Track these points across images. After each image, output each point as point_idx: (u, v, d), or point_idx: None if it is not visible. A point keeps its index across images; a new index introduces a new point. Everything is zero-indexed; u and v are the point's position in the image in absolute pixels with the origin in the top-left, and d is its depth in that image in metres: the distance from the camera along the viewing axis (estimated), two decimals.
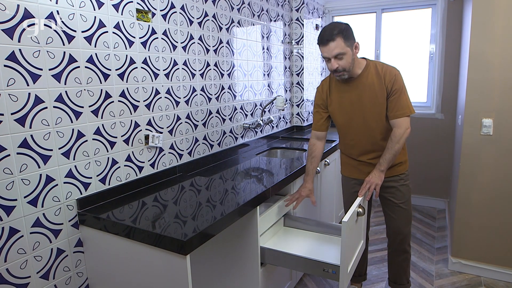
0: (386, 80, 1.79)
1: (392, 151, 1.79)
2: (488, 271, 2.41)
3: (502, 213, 2.30)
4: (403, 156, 1.96)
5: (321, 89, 2.00)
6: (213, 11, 2.22)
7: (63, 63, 1.39)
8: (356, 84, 1.85)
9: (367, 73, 1.83)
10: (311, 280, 2.43)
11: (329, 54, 1.73)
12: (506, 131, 2.22)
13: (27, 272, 1.33)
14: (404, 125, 1.78)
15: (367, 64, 1.86)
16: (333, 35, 1.69)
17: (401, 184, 1.95)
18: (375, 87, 1.81)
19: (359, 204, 1.71)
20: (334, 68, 1.75)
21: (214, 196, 1.67)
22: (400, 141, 1.78)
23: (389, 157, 1.80)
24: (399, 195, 1.95)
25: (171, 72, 1.93)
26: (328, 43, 1.71)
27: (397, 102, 1.78)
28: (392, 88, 1.78)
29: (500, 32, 2.16)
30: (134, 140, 1.74)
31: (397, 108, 1.78)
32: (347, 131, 1.95)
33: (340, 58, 1.73)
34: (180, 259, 1.24)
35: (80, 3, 1.44)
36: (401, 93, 1.78)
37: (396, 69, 1.83)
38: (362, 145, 1.92)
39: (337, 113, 1.95)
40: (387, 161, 1.80)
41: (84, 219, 1.49)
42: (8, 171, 1.25)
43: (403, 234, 2.00)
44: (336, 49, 1.71)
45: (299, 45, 3.38)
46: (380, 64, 1.85)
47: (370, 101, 1.83)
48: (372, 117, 1.85)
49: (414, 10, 3.58)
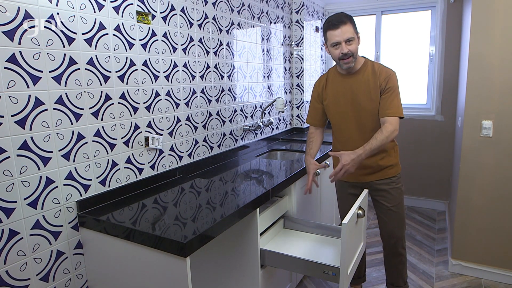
0: (380, 78, 1.80)
1: (379, 142, 1.72)
2: (488, 273, 2.41)
3: (502, 215, 2.30)
4: (394, 158, 1.95)
5: (318, 84, 2.02)
6: (213, 13, 2.22)
7: (63, 65, 1.40)
8: (352, 80, 1.87)
9: (364, 69, 1.85)
10: (311, 282, 2.43)
11: (341, 38, 1.73)
12: (506, 133, 2.22)
13: (27, 274, 1.33)
14: (394, 125, 1.75)
15: (365, 62, 1.88)
16: (343, 19, 1.73)
17: (392, 187, 1.94)
18: (370, 84, 1.82)
19: (359, 206, 1.71)
20: (345, 51, 1.74)
21: (214, 198, 1.67)
22: (389, 137, 1.73)
23: (374, 145, 1.72)
24: (390, 198, 1.95)
25: (171, 74, 1.93)
26: (340, 26, 1.72)
27: (389, 101, 1.78)
28: (386, 86, 1.79)
29: (500, 33, 2.16)
30: (134, 142, 1.74)
31: (388, 107, 1.78)
32: (341, 127, 1.96)
33: (350, 43, 1.75)
34: (180, 261, 1.23)
35: (81, 5, 1.45)
36: (394, 93, 1.78)
37: (393, 70, 1.84)
38: (355, 141, 1.90)
39: (331, 108, 1.96)
40: (371, 149, 1.72)
41: (84, 221, 1.49)
42: (8, 173, 1.25)
43: (395, 237, 1.99)
44: (347, 32, 1.73)
45: (299, 47, 3.38)
46: (378, 64, 1.87)
47: (364, 98, 1.83)
48: (365, 114, 1.85)
49: (414, 12, 3.59)
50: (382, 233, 2.05)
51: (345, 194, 2.08)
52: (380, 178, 1.94)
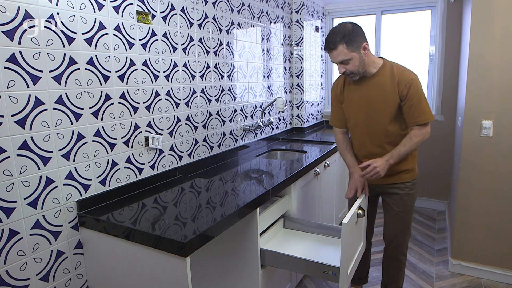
0: (400, 84, 1.73)
1: (407, 148, 1.73)
2: (488, 273, 2.41)
3: (502, 214, 2.30)
4: (411, 163, 1.90)
5: (336, 85, 1.98)
6: (213, 13, 2.22)
7: (63, 65, 1.40)
8: (367, 84, 1.81)
9: (381, 73, 1.78)
10: (311, 282, 2.43)
11: (335, 60, 1.73)
12: (506, 132, 2.22)
13: (27, 274, 1.33)
14: (423, 131, 1.74)
15: (383, 64, 1.80)
16: (335, 42, 1.68)
17: (405, 192, 1.90)
18: (387, 88, 1.76)
19: (359, 205, 1.71)
20: (341, 72, 1.75)
21: (214, 198, 1.67)
22: (418, 142, 1.73)
23: (402, 151, 1.74)
24: (400, 203, 1.91)
25: (171, 74, 1.93)
26: (331, 51, 1.71)
27: (417, 108, 1.72)
28: (407, 94, 1.71)
29: (500, 33, 2.16)
30: (134, 142, 1.74)
31: (417, 115, 1.72)
32: (355, 130, 1.92)
33: (346, 63, 1.71)
34: (180, 261, 1.23)
35: (80, 5, 1.44)
36: (419, 99, 1.71)
37: (414, 73, 1.76)
38: (367, 146, 1.89)
39: (347, 111, 1.92)
40: (398, 155, 1.74)
41: (84, 221, 1.49)
42: (8, 173, 1.25)
43: (397, 242, 1.96)
44: (339, 56, 1.70)
45: (299, 47, 3.38)
46: (397, 66, 1.79)
47: (379, 103, 1.78)
48: (379, 119, 1.80)
49: (414, 12, 3.59)
50: (385, 235, 2.02)
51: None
52: (394, 182, 1.89)
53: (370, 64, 1.77)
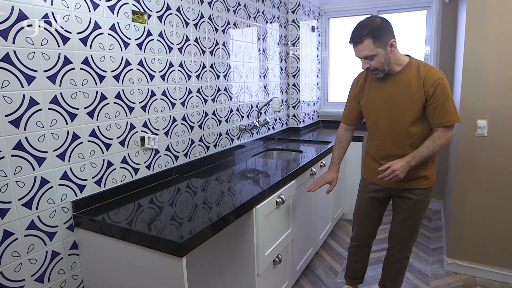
0: (426, 84, 1.66)
1: (429, 150, 1.65)
2: (483, 272, 2.42)
3: (497, 213, 2.32)
4: (430, 169, 1.80)
5: (356, 82, 1.93)
6: (209, 12, 2.22)
7: (58, 64, 1.39)
8: (391, 82, 1.74)
9: (406, 72, 1.71)
10: (307, 281, 2.43)
11: (359, 55, 1.68)
12: (500, 132, 2.24)
13: (22, 275, 1.32)
14: (447, 133, 1.66)
15: (409, 62, 1.73)
16: (362, 36, 1.62)
17: (419, 198, 1.81)
18: (412, 88, 1.68)
19: (279, 195, 1.80)
20: (365, 67, 1.70)
21: (210, 198, 1.67)
22: (441, 144, 1.66)
23: (424, 153, 1.66)
24: (412, 209, 1.84)
25: (167, 74, 1.93)
26: (356, 45, 1.65)
27: (442, 109, 1.64)
28: (433, 94, 1.64)
29: (494, 33, 2.18)
30: (130, 142, 1.74)
31: (442, 116, 1.64)
32: (375, 129, 1.84)
33: (371, 59, 1.65)
34: (176, 261, 1.23)
35: (75, 4, 1.44)
36: (446, 100, 1.64)
37: (441, 72, 1.69)
38: (387, 147, 1.80)
39: (367, 109, 1.85)
40: (420, 157, 1.66)
41: (79, 222, 1.48)
42: (3, 173, 1.24)
43: (401, 246, 1.93)
44: (364, 51, 1.64)
45: (295, 46, 3.39)
46: (424, 64, 1.71)
47: (403, 102, 1.71)
48: (402, 119, 1.72)
49: (409, 12, 3.60)
50: (390, 237, 1.98)
51: (366, 196, 1.98)
52: (410, 188, 1.81)
53: (395, 62, 1.71)
